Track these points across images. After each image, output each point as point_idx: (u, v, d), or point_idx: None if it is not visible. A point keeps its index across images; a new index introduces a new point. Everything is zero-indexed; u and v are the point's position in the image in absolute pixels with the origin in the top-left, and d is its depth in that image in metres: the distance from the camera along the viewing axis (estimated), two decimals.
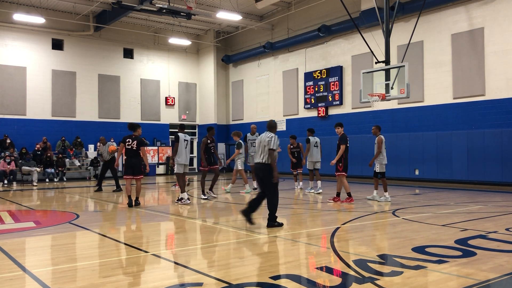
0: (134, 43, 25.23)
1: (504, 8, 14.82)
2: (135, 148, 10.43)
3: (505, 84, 14.71)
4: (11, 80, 21.39)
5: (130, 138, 10.51)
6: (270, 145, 7.30)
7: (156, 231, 7.75)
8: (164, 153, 24.42)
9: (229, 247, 6.05)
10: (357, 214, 8.76)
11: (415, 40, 16.12)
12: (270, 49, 23.33)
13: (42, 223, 8.40)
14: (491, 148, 14.82)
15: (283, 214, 9.03)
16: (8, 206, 10.90)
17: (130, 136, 10.55)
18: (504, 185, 14.36)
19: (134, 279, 4.51)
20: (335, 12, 19.77)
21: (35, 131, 21.60)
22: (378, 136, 10.98)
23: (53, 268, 4.99)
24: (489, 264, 4.86)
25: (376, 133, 11.09)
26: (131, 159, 10.47)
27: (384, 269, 4.75)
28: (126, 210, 10.04)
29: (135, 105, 25.20)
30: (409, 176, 17.03)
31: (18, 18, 19.98)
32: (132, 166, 10.47)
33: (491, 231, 6.82)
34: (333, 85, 20.49)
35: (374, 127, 11.20)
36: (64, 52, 22.98)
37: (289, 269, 4.82)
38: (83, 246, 6.41)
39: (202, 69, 27.65)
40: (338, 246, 5.86)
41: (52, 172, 19.97)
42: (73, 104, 23.14)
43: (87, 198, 13.08)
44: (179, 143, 10.79)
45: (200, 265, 5.02)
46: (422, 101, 17.00)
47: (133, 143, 10.44)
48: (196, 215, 9.43)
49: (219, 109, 27.05)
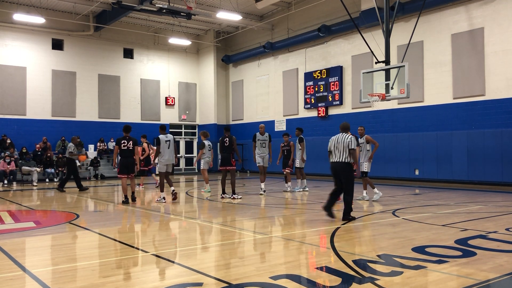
0: (134, 43, 25.23)
1: (504, 8, 14.82)
2: (131, 148, 11.03)
3: (505, 84, 14.71)
4: (11, 80, 21.39)
5: (125, 139, 11.02)
6: (351, 145, 7.96)
7: (156, 231, 7.75)
8: None
9: (229, 247, 6.05)
10: (357, 214, 8.76)
11: (415, 40, 16.12)
12: (270, 49, 23.33)
13: (42, 223, 8.41)
14: (491, 148, 14.82)
15: (283, 214, 9.03)
16: (8, 206, 10.90)
17: (124, 138, 11.07)
18: (504, 185, 14.36)
19: (134, 279, 4.51)
20: (335, 12, 19.77)
21: (35, 131, 21.60)
22: (365, 135, 11.30)
23: (53, 268, 4.99)
24: (489, 264, 4.86)
25: (363, 133, 11.37)
26: (128, 159, 11.04)
27: (384, 269, 4.75)
28: (126, 210, 10.04)
29: (135, 105, 25.20)
30: (409, 176, 17.03)
31: (18, 18, 19.98)
32: (127, 165, 11.02)
33: (491, 231, 6.82)
34: (333, 85, 20.49)
35: (362, 128, 11.50)
36: (64, 52, 22.99)
37: (289, 269, 4.82)
38: (83, 246, 6.41)
39: (202, 69, 27.65)
40: (338, 246, 5.86)
41: (52, 172, 19.98)
42: (73, 104, 23.14)
43: (87, 198, 13.09)
44: (160, 145, 11.46)
45: (200, 265, 5.02)
46: (422, 101, 17.00)
47: (129, 144, 11.03)
48: (196, 215, 9.43)
49: (219, 109, 27.05)
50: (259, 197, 12.44)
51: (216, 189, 14.84)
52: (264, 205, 10.75)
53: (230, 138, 11.90)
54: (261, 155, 13.09)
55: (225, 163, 11.83)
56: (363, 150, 11.18)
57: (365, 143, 11.24)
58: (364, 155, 11.18)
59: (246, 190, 14.71)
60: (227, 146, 11.85)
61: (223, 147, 11.90)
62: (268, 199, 11.85)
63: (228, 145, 11.84)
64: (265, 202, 11.35)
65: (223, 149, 11.90)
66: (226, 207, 10.60)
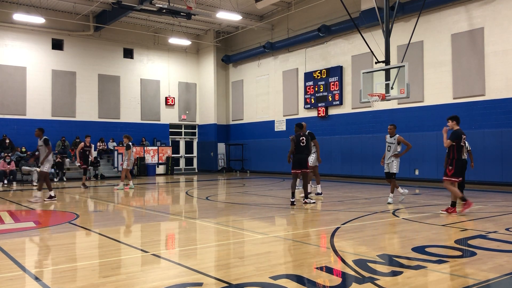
0: (134, 43, 25.23)
1: (504, 8, 14.82)
2: None
3: (505, 84, 14.71)
4: (11, 80, 21.39)
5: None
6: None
7: (156, 231, 7.75)
8: (164, 153, 24.44)
9: (229, 247, 6.05)
10: (357, 214, 8.76)
11: (415, 40, 16.12)
12: (270, 49, 23.33)
13: (42, 223, 8.40)
14: (491, 148, 14.81)
15: (283, 214, 9.03)
16: (8, 206, 10.90)
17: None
18: (504, 185, 14.36)
19: (134, 279, 4.51)
20: (335, 12, 19.77)
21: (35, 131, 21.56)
22: (397, 135, 10.37)
23: (53, 268, 4.99)
24: (489, 264, 4.86)
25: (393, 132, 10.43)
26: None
27: (384, 269, 4.75)
28: (125, 210, 10.04)
29: (135, 105, 25.20)
30: (409, 176, 17.02)
31: (18, 18, 19.98)
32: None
33: (491, 231, 6.82)
34: (333, 85, 20.48)
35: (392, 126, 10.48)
36: (64, 52, 22.99)
37: (289, 269, 4.82)
38: (83, 246, 6.41)
39: (202, 69, 27.65)
40: (338, 246, 5.86)
41: (52, 172, 19.97)
42: (73, 104, 23.14)
43: (87, 198, 13.09)
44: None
45: (200, 265, 5.01)
46: (422, 101, 17.00)
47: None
48: (196, 215, 9.43)
49: (219, 109, 27.05)
50: (259, 197, 12.41)
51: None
52: (264, 205, 10.73)
53: (306, 137, 10.31)
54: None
55: (300, 166, 10.21)
56: (391, 151, 10.30)
57: (395, 143, 10.28)
58: (391, 155, 10.30)
59: (246, 190, 14.71)
60: (303, 146, 10.23)
61: (299, 147, 10.21)
62: (268, 199, 11.84)
63: (305, 144, 10.24)
64: (265, 202, 11.34)
65: (299, 150, 10.21)
66: (226, 207, 10.60)
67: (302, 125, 10.46)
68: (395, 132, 10.47)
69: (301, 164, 10.21)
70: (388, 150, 10.37)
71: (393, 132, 10.43)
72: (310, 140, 10.89)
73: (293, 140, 10.26)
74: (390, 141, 10.38)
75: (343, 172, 19.41)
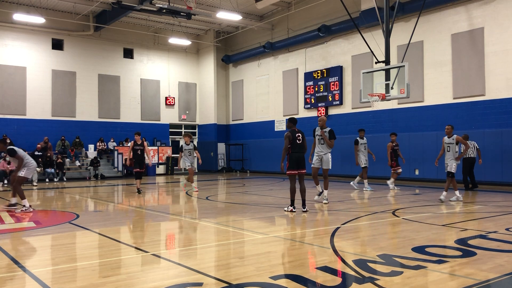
0: (134, 43, 25.23)
1: (504, 8, 14.82)
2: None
3: (505, 84, 14.71)
4: (11, 80, 21.40)
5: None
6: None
7: (156, 231, 7.75)
8: (164, 153, 24.44)
9: (229, 247, 6.05)
10: (357, 214, 8.76)
11: (415, 40, 16.12)
12: (270, 49, 23.33)
13: (42, 223, 8.40)
14: (491, 148, 14.81)
15: (283, 214, 9.03)
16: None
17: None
18: (504, 185, 14.36)
19: (134, 279, 4.51)
20: (335, 12, 19.77)
21: (35, 131, 21.60)
22: (455, 136, 10.50)
23: (53, 268, 4.99)
24: (489, 264, 4.86)
25: (451, 132, 10.52)
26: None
27: (384, 269, 4.75)
28: (125, 210, 10.03)
29: (135, 105, 25.21)
30: (409, 176, 17.02)
31: (18, 18, 19.99)
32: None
33: (491, 231, 6.81)
34: (333, 85, 20.49)
35: (450, 127, 10.52)
36: (64, 52, 22.99)
37: (289, 269, 4.82)
38: (83, 246, 6.41)
39: (202, 69, 27.65)
40: (338, 246, 5.86)
41: (52, 172, 19.98)
42: (73, 104, 23.15)
43: (87, 198, 13.08)
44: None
45: (200, 265, 5.01)
46: (422, 101, 17.00)
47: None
48: (196, 215, 9.43)
49: (219, 109, 27.05)
50: (259, 197, 12.42)
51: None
52: (264, 205, 10.73)
53: (302, 133, 9.26)
54: (319, 154, 10.48)
55: (298, 166, 9.07)
56: (451, 151, 10.50)
57: (454, 143, 10.45)
58: (452, 155, 10.53)
59: (246, 190, 14.70)
60: (300, 143, 9.11)
61: (296, 145, 9.07)
62: (268, 199, 11.84)
63: (301, 142, 9.13)
64: (265, 202, 11.34)
65: (296, 148, 9.06)
66: (226, 207, 10.60)
67: (296, 120, 9.38)
68: (452, 132, 10.59)
69: (300, 164, 9.04)
70: (448, 150, 10.54)
71: (450, 132, 10.56)
72: (329, 139, 10.13)
73: (289, 137, 9.01)
74: (449, 142, 10.58)
75: (343, 172, 19.40)
